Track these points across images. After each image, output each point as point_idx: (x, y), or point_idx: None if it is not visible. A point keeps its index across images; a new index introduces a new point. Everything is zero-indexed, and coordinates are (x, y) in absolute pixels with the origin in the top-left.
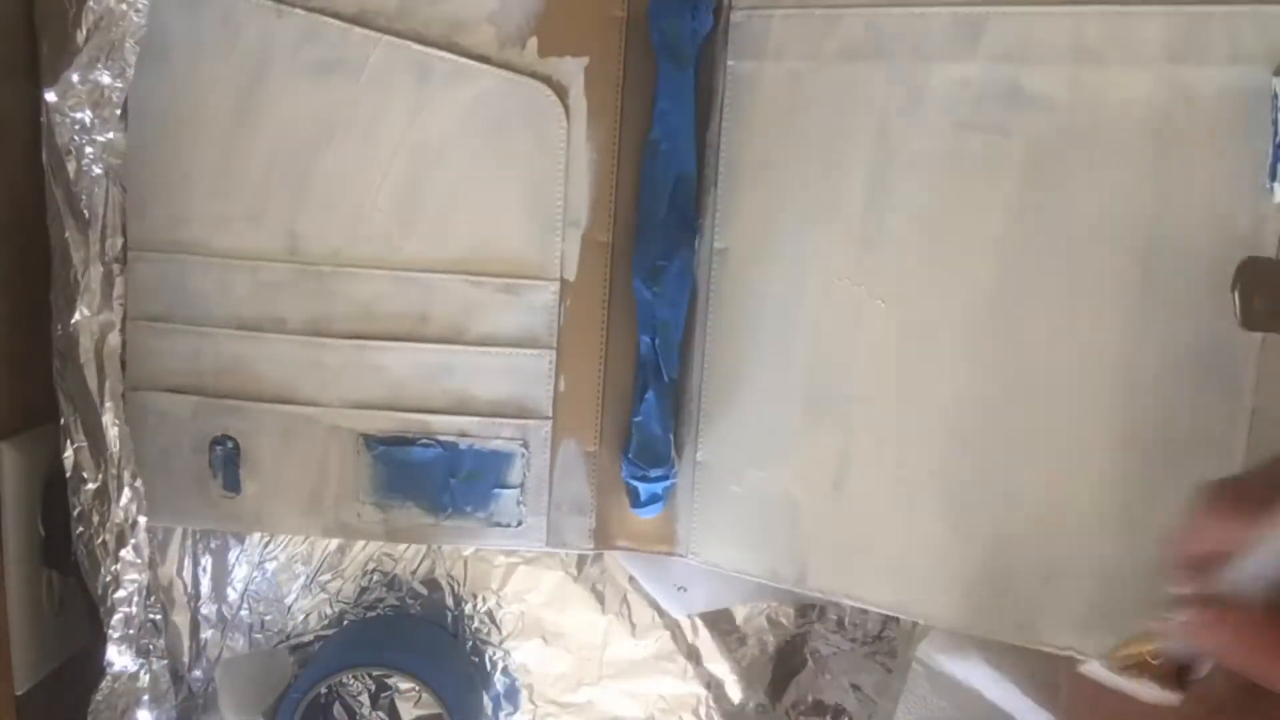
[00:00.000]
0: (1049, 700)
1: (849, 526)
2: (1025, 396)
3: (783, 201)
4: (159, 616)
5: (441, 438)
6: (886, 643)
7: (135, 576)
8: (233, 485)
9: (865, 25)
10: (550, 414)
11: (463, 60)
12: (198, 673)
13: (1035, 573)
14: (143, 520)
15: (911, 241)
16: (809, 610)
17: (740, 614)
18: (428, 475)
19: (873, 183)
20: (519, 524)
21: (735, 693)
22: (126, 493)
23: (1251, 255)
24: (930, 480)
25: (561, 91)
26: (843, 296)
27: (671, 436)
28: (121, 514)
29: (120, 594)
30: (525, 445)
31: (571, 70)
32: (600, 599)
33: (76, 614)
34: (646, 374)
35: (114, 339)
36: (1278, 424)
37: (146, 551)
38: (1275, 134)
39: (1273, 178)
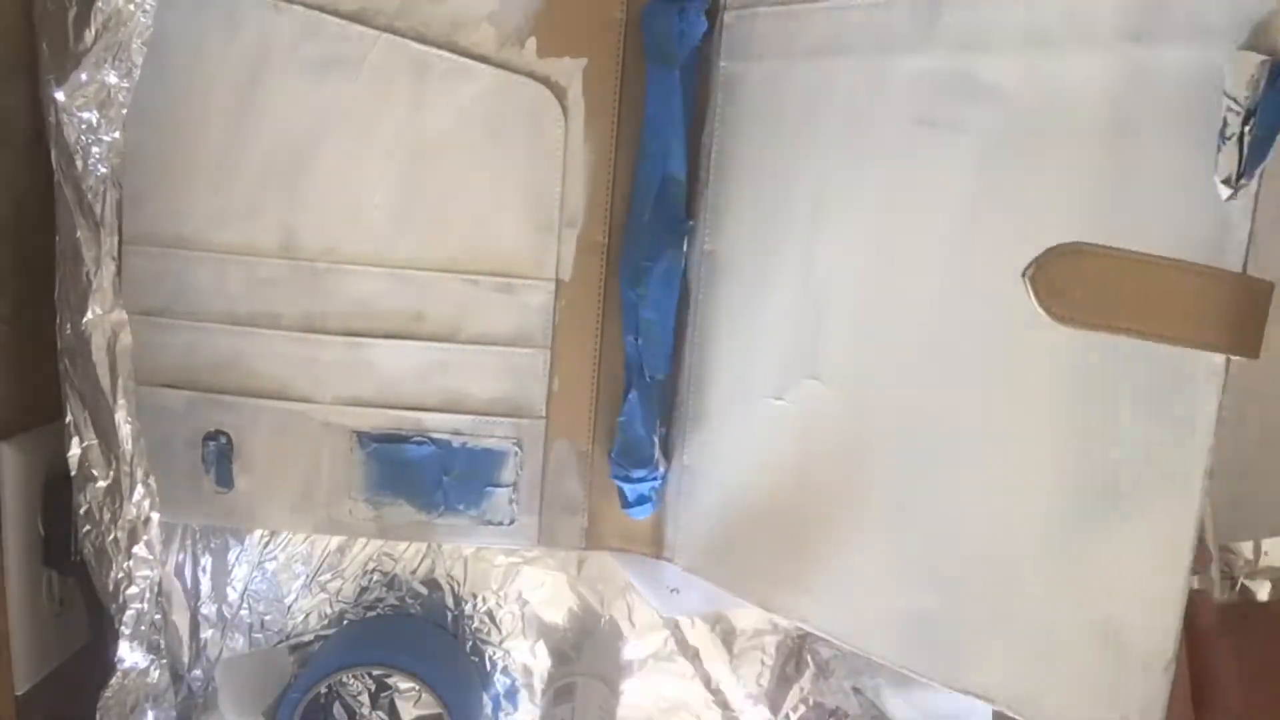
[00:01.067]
0: None
1: (807, 549)
2: (966, 418)
3: (766, 203)
4: (159, 616)
5: (435, 436)
6: None
7: (147, 573)
8: (225, 480)
9: (832, 21)
10: (544, 413)
11: (461, 59)
12: (198, 672)
13: (972, 618)
14: (155, 517)
15: (868, 247)
16: None
17: (741, 615)
18: (420, 473)
19: (843, 183)
20: (511, 522)
21: (735, 693)
22: (139, 489)
23: (1073, 242)
24: (877, 508)
25: (560, 92)
26: (816, 302)
27: (657, 438)
28: (134, 510)
29: (133, 590)
30: (518, 444)
31: (570, 71)
32: (600, 599)
33: (76, 614)
34: (631, 374)
35: (125, 337)
36: (1240, 459)
37: (159, 548)
38: (1223, 121)
39: (1215, 170)
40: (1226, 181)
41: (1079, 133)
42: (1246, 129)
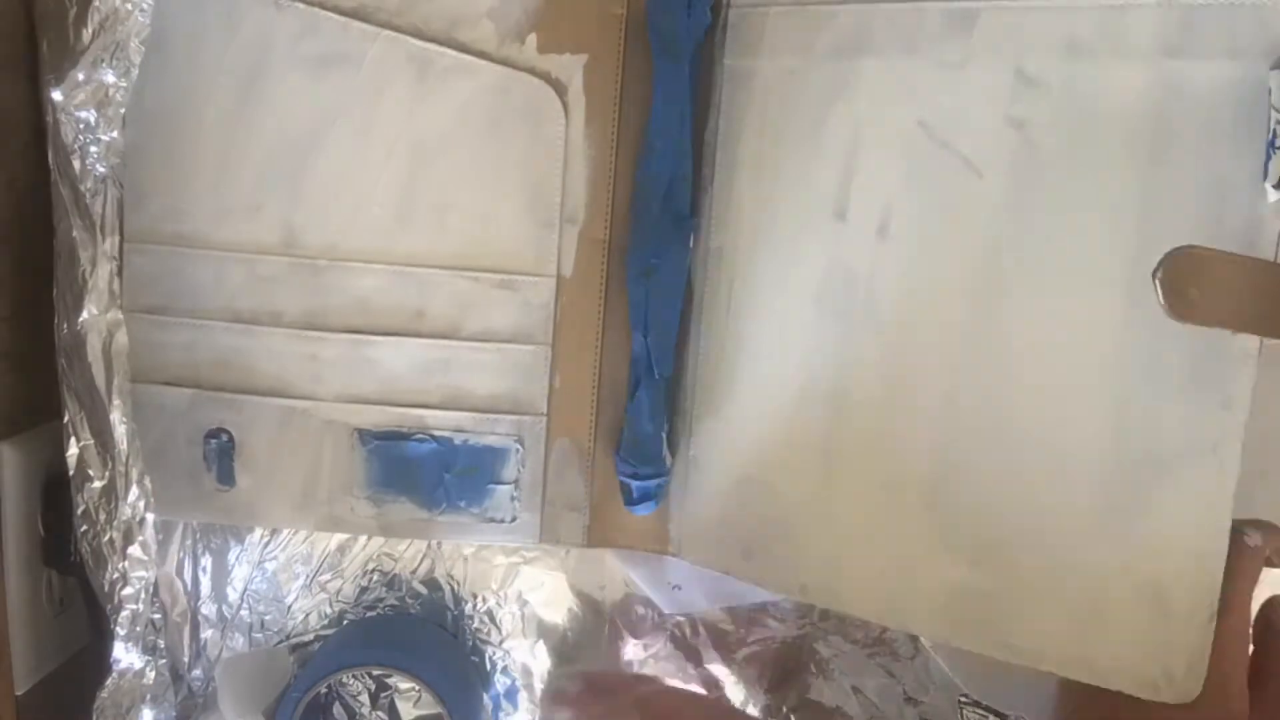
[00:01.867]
0: None
1: (837, 531)
2: (1011, 402)
3: (776, 200)
4: (159, 615)
5: (436, 433)
6: (888, 645)
7: (143, 574)
8: (226, 478)
9: (857, 22)
10: (545, 410)
11: (462, 56)
12: (197, 672)
13: (1020, 588)
14: (150, 517)
15: (900, 243)
16: (809, 611)
17: (741, 614)
18: (422, 470)
19: (864, 183)
20: (513, 520)
21: (735, 693)
22: (134, 490)
23: (1189, 245)
24: (916, 487)
25: (560, 88)
26: (834, 296)
27: (664, 434)
28: (129, 511)
29: (128, 591)
30: (520, 441)
31: (571, 67)
32: (600, 599)
33: (76, 614)
34: (639, 371)
35: (121, 337)
36: (1273, 435)
37: (154, 549)
38: (1271, 133)
39: (1265, 177)
40: (1278, 185)
41: (1115, 139)
42: None
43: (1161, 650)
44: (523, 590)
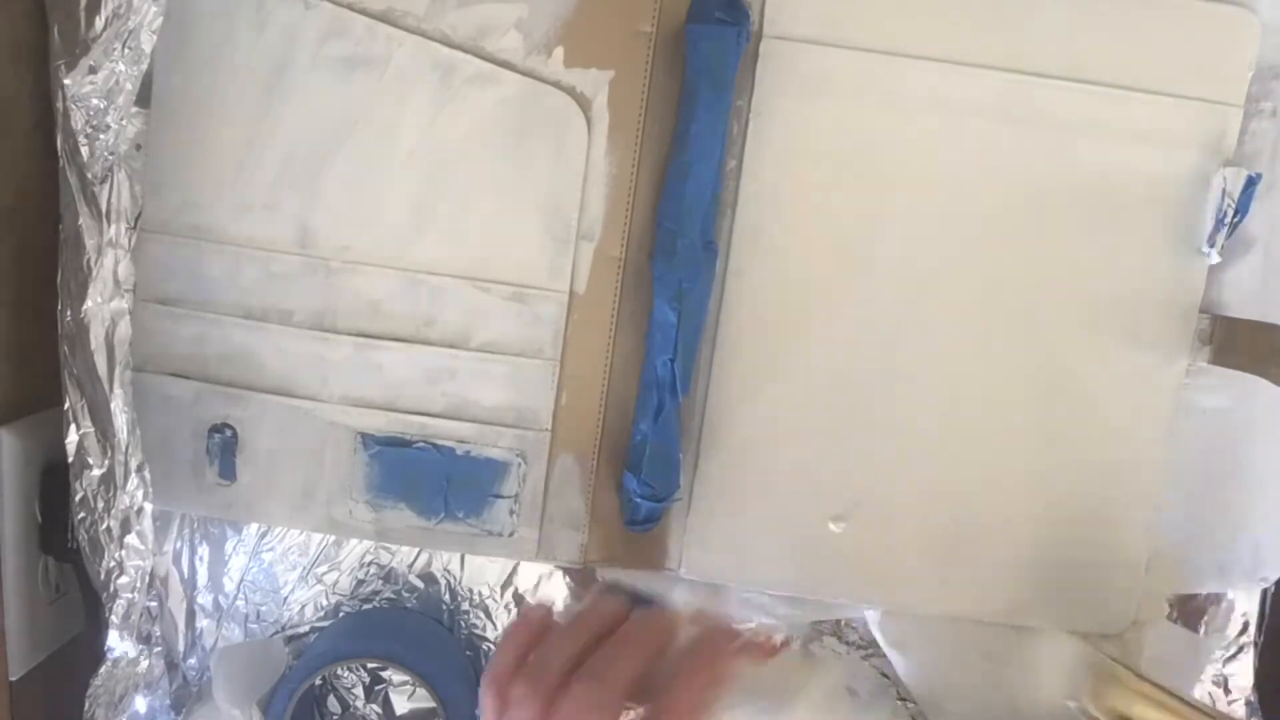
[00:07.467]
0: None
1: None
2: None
3: (799, 230)
4: (154, 604)
5: (439, 442)
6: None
7: (139, 563)
8: (228, 473)
9: (887, 72)
10: (549, 426)
11: (487, 65)
12: (192, 661)
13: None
14: (149, 507)
15: (903, 285)
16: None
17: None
18: (422, 478)
19: (878, 226)
20: (511, 534)
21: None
22: (133, 479)
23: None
24: (924, 498)
25: (584, 103)
26: (848, 324)
27: (681, 456)
28: (127, 500)
29: (124, 580)
30: (522, 456)
31: (596, 82)
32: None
33: (72, 601)
34: (663, 394)
35: (124, 326)
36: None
37: (151, 538)
38: (1222, 212)
39: (1211, 244)
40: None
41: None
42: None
43: None
44: (519, 586)
